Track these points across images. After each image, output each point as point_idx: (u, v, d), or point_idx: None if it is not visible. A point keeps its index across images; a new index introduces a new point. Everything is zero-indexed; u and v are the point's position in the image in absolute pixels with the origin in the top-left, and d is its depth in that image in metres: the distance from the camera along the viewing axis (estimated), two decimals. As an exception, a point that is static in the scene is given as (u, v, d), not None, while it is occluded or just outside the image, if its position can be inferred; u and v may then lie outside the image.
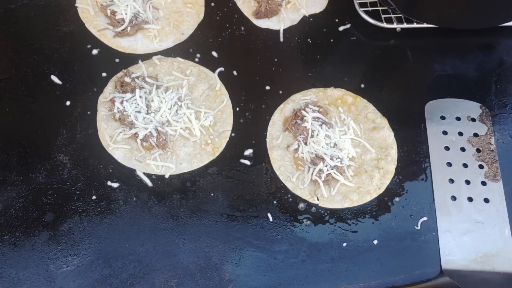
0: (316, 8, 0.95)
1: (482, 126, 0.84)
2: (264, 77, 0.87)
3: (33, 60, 0.83)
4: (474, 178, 0.79)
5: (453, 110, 0.85)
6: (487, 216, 0.76)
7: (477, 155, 0.81)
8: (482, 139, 0.82)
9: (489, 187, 0.79)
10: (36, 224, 0.71)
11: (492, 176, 0.79)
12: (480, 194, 0.78)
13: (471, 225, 0.75)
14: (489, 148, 0.82)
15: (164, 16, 0.89)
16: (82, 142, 0.77)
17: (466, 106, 0.86)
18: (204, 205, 0.75)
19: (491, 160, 0.81)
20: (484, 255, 0.73)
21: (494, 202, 0.77)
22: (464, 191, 0.78)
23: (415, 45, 0.94)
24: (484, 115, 0.85)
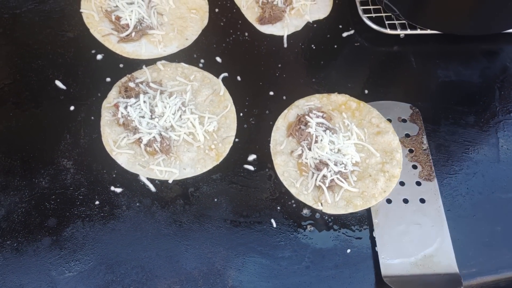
0: (320, 14, 0.96)
1: (413, 126, 0.83)
2: (268, 82, 0.87)
3: (37, 65, 0.84)
4: (408, 179, 0.78)
5: (384, 112, 0.84)
6: (424, 217, 0.75)
7: (410, 156, 0.80)
8: (414, 139, 0.82)
9: (424, 187, 0.78)
10: (38, 229, 0.70)
11: (427, 175, 0.78)
12: (415, 194, 0.77)
13: (409, 227, 0.74)
14: (421, 148, 0.81)
15: (168, 21, 0.90)
16: (85, 147, 0.77)
17: (396, 107, 0.85)
18: (208, 211, 0.74)
19: (424, 160, 0.80)
20: (424, 257, 0.72)
21: (430, 201, 0.76)
22: (400, 193, 0.77)
23: (419, 51, 0.94)
24: (415, 115, 0.84)
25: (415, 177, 0.79)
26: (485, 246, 0.75)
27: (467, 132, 0.86)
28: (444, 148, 0.84)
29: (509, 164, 0.83)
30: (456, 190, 0.80)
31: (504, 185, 0.81)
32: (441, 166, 0.82)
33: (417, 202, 0.76)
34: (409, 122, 0.84)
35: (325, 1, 0.97)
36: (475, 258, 0.74)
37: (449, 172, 0.81)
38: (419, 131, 0.83)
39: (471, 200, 0.79)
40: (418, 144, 0.81)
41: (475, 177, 0.81)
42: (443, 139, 0.84)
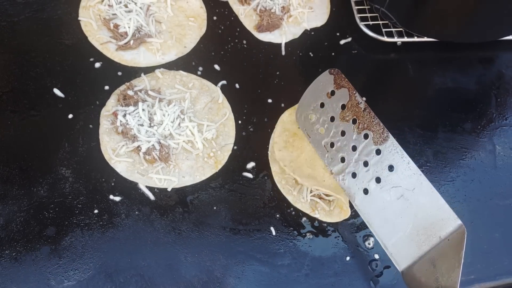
0: (318, 21, 0.96)
1: (343, 92, 0.73)
2: (266, 90, 0.87)
3: (35, 73, 0.83)
4: (368, 154, 0.70)
5: (313, 101, 0.76)
6: (401, 185, 0.67)
7: (356, 127, 0.71)
8: (350, 106, 0.72)
9: (385, 152, 0.68)
10: (37, 238, 0.70)
11: (379, 138, 0.69)
12: (381, 166, 0.69)
13: (396, 206, 0.67)
14: (360, 110, 0.71)
15: (166, 29, 0.90)
16: (84, 155, 0.77)
17: (319, 85, 0.76)
18: (207, 219, 0.74)
19: (369, 122, 0.70)
20: (423, 229, 0.65)
21: (398, 164, 0.67)
22: (369, 176, 0.70)
23: (416, 59, 0.94)
24: (338, 78, 0.74)
25: (371, 146, 0.70)
26: (484, 253, 0.76)
27: (464, 138, 0.86)
28: (441, 154, 0.84)
29: (506, 170, 0.83)
30: (454, 197, 0.80)
31: (502, 192, 0.81)
32: (439, 173, 0.82)
33: (387, 173, 0.68)
34: (337, 90, 0.74)
35: (322, 8, 0.98)
36: (474, 265, 0.75)
37: (447, 179, 0.82)
38: (349, 93, 0.72)
39: (468, 207, 0.79)
40: (356, 108, 0.71)
41: (473, 183, 0.82)
42: (441, 145, 0.85)
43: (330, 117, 0.75)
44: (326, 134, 0.75)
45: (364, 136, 0.71)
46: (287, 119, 0.83)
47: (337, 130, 0.74)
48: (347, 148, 0.73)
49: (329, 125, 0.75)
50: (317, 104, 0.76)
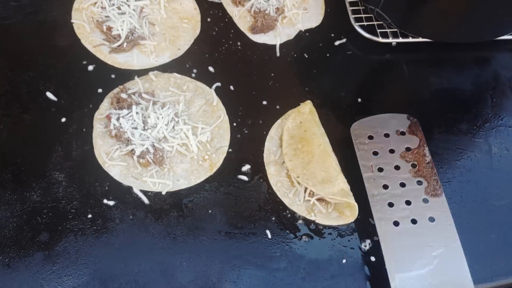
0: (312, 23, 0.96)
1: (413, 139, 0.78)
2: (261, 92, 0.87)
3: (28, 77, 0.83)
4: (414, 197, 0.73)
5: (380, 126, 0.80)
6: (435, 237, 0.70)
7: (414, 171, 0.75)
8: (416, 152, 0.76)
9: (432, 204, 0.73)
10: (30, 244, 0.69)
11: (433, 191, 0.73)
12: (423, 213, 0.72)
13: (420, 250, 0.69)
14: (424, 161, 0.76)
15: (160, 31, 0.89)
16: (77, 159, 0.76)
17: (393, 119, 0.81)
18: (202, 223, 0.74)
19: (429, 174, 0.75)
20: (440, 283, 0.67)
21: (440, 219, 0.71)
22: (406, 213, 0.72)
23: (411, 59, 0.94)
24: (414, 126, 0.79)
25: (421, 193, 0.73)
26: (480, 254, 0.75)
27: (460, 139, 0.86)
28: (437, 156, 0.84)
29: (502, 171, 0.83)
30: (450, 198, 0.79)
31: (498, 192, 0.81)
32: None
33: (426, 221, 0.71)
34: (408, 134, 0.79)
35: (317, 9, 0.97)
36: (470, 267, 0.74)
37: (443, 180, 0.81)
38: (420, 143, 0.78)
39: (465, 208, 0.79)
40: (421, 157, 0.76)
41: (469, 184, 0.81)
42: (436, 146, 0.85)
43: (390, 148, 0.78)
44: (379, 158, 0.77)
45: (418, 182, 0.74)
46: (292, 126, 0.82)
47: (392, 161, 0.76)
48: (395, 180, 0.74)
49: (386, 153, 0.77)
50: (382, 132, 0.79)
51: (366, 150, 0.77)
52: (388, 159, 0.77)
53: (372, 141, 0.78)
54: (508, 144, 0.86)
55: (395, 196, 0.73)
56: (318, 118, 0.83)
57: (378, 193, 0.74)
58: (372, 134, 0.79)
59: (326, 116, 0.85)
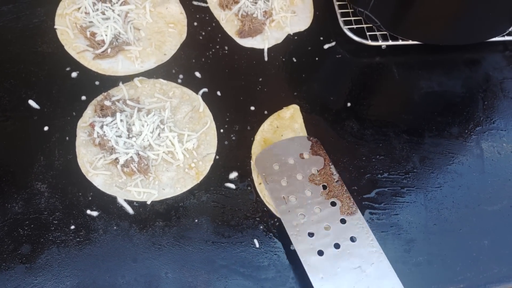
0: (301, 26, 0.94)
1: (318, 159, 0.76)
2: (249, 97, 0.85)
3: (9, 84, 0.81)
4: (332, 220, 0.71)
5: (283, 153, 0.76)
6: (361, 257, 0.68)
7: (325, 193, 0.73)
8: (323, 173, 0.74)
9: (349, 223, 0.71)
10: (11, 256, 0.67)
11: (347, 209, 0.71)
12: (343, 235, 0.70)
13: (350, 275, 0.67)
14: (333, 180, 0.73)
15: (145, 36, 0.88)
16: (60, 169, 0.75)
17: (294, 143, 0.77)
18: (188, 232, 0.72)
19: (340, 193, 0.73)
20: None
21: (361, 238, 0.69)
22: (328, 240, 0.69)
23: (401, 62, 0.93)
24: (315, 146, 0.77)
25: (337, 215, 0.71)
26: (473, 261, 0.74)
27: (451, 143, 0.85)
28: (428, 160, 0.82)
29: (494, 175, 0.82)
30: (442, 203, 0.78)
31: (490, 197, 0.80)
32: (425, 179, 0.81)
33: (348, 242, 0.69)
34: (312, 155, 0.76)
35: (305, 12, 0.96)
36: (463, 273, 0.73)
37: (434, 185, 0.80)
38: (325, 162, 0.75)
39: (457, 213, 0.78)
40: (329, 177, 0.74)
41: (460, 189, 0.80)
42: (427, 151, 0.83)
43: (297, 174, 0.74)
44: (289, 187, 0.73)
45: (332, 203, 0.72)
46: (267, 128, 0.81)
47: (303, 188, 0.73)
48: (309, 207, 0.72)
49: (295, 181, 0.74)
50: (286, 158, 0.76)
51: (275, 182, 0.74)
52: (299, 186, 0.73)
53: (279, 170, 0.75)
54: (500, 148, 0.85)
55: (313, 223, 0.70)
56: (300, 124, 0.82)
57: (297, 224, 0.70)
58: (277, 163, 0.75)
59: (315, 121, 0.84)
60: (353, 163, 0.80)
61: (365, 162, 0.81)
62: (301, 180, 0.74)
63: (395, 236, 0.75)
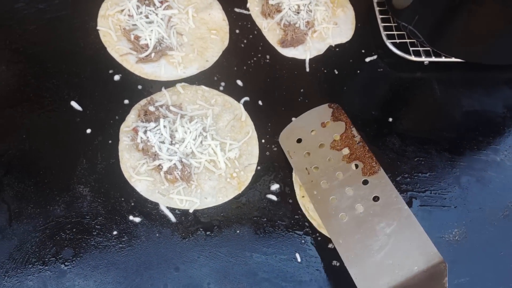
0: (342, 38, 0.94)
1: (340, 124, 0.76)
2: (290, 108, 0.84)
3: (52, 84, 0.80)
4: (354, 183, 0.71)
5: (306, 125, 0.77)
6: (384, 216, 0.67)
7: (347, 157, 0.73)
8: (344, 137, 0.74)
9: (372, 183, 0.70)
10: (53, 260, 0.67)
11: (370, 170, 0.71)
12: (366, 196, 0.69)
13: (374, 235, 0.66)
14: (355, 142, 0.73)
15: (188, 42, 0.87)
16: (103, 172, 0.74)
17: (316, 114, 0.78)
18: (230, 243, 0.71)
19: (362, 154, 0.72)
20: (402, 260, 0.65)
21: (384, 196, 0.69)
22: (350, 203, 0.69)
23: (442, 79, 0.92)
24: (337, 112, 0.77)
25: (359, 176, 0.71)
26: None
27: (493, 163, 0.84)
28: (469, 180, 0.82)
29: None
30: (483, 225, 0.78)
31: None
32: (467, 199, 0.80)
33: (371, 203, 0.68)
34: (333, 122, 0.76)
35: (347, 24, 0.95)
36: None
37: (475, 205, 0.79)
38: (346, 127, 0.75)
39: (498, 235, 0.77)
40: (350, 140, 0.74)
41: (502, 211, 0.79)
42: (469, 170, 0.83)
43: (319, 143, 0.75)
44: (312, 158, 0.74)
45: (354, 166, 0.72)
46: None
47: (325, 156, 0.74)
48: (332, 174, 0.72)
49: (317, 150, 0.75)
50: (309, 130, 0.76)
51: (298, 155, 0.75)
52: (321, 155, 0.74)
53: (301, 144, 0.76)
54: (541, 169, 0.84)
55: (335, 189, 0.71)
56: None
57: (318, 192, 0.71)
58: (300, 137, 0.76)
59: (356, 135, 0.83)
60: (395, 179, 0.80)
61: (407, 179, 0.80)
62: (323, 149, 0.74)
63: (437, 256, 0.74)
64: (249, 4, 0.94)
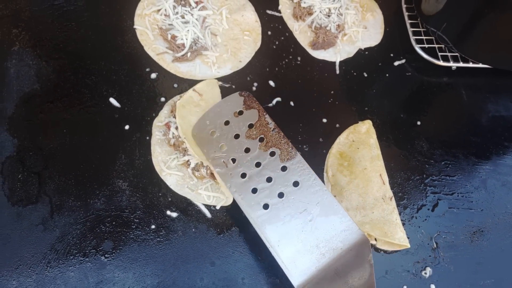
0: (372, 41, 0.95)
1: (253, 112, 0.74)
2: (321, 109, 0.86)
3: (91, 81, 0.82)
4: (273, 171, 0.70)
5: (218, 116, 0.75)
6: (306, 200, 0.67)
7: (263, 145, 0.71)
8: (259, 125, 0.73)
9: (291, 168, 0.70)
10: (94, 252, 0.69)
11: (287, 155, 0.70)
12: (286, 182, 0.69)
13: (297, 220, 0.67)
14: (269, 129, 0.72)
15: (222, 42, 0.89)
16: (141, 168, 0.76)
17: (227, 103, 0.76)
18: (262, 240, 0.73)
19: (278, 140, 0.72)
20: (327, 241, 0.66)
21: (304, 180, 0.69)
22: (271, 191, 0.69)
23: (469, 84, 0.93)
24: (248, 100, 0.75)
25: (278, 163, 0.70)
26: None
27: (519, 169, 0.85)
28: (496, 184, 0.83)
29: (560, 203, 0.82)
30: (509, 229, 0.79)
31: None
32: (493, 203, 0.81)
33: (291, 188, 0.69)
34: (246, 110, 0.75)
35: (376, 28, 0.97)
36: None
37: (501, 210, 0.81)
38: (259, 114, 0.74)
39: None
40: (265, 127, 0.72)
41: (527, 216, 0.81)
42: (496, 175, 0.84)
43: (234, 134, 0.74)
44: (228, 150, 0.73)
45: (271, 153, 0.71)
46: (343, 141, 0.82)
47: (241, 147, 0.72)
48: (250, 164, 0.71)
49: (232, 142, 0.73)
50: (222, 121, 0.75)
51: (214, 149, 0.73)
52: (236, 146, 0.73)
53: (216, 136, 0.74)
54: None
55: (255, 179, 0.70)
56: (375, 140, 0.83)
57: (237, 185, 0.70)
58: (213, 129, 0.75)
59: (385, 137, 0.85)
60: (423, 182, 0.81)
61: (435, 182, 0.82)
62: (238, 139, 0.73)
63: (463, 257, 0.76)
64: (281, 6, 0.96)
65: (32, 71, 0.81)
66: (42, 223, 0.70)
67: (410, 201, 0.80)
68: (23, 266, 0.67)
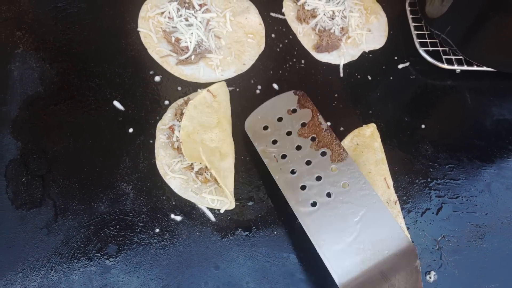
0: (376, 44, 0.95)
1: (306, 112, 0.76)
2: (325, 112, 0.85)
3: (94, 84, 0.82)
4: (322, 170, 0.71)
5: (272, 112, 0.77)
6: (354, 202, 0.69)
7: (315, 144, 0.73)
8: (311, 125, 0.75)
9: (340, 170, 0.71)
10: (98, 256, 0.69)
11: (338, 157, 0.72)
12: (335, 183, 0.70)
13: (344, 221, 0.68)
14: (322, 130, 0.74)
15: (225, 45, 0.89)
16: (145, 171, 0.76)
17: (282, 101, 0.78)
18: (267, 244, 0.73)
19: (329, 141, 0.73)
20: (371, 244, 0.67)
21: (353, 182, 0.70)
22: (319, 190, 0.70)
23: (473, 87, 0.93)
24: (302, 99, 0.78)
25: (328, 164, 0.72)
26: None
27: (523, 173, 0.85)
28: (500, 188, 0.83)
29: None
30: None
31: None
32: (498, 207, 0.81)
33: (340, 189, 0.70)
34: (300, 109, 0.77)
35: (380, 31, 0.97)
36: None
37: (506, 213, 0.81)
38: (312, 114, 0.76)
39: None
40: (317, 127, 0.75)
41: (533, 220, 0.81)
42: (500, 178, 0.84)
43: (287, 131, 0.76)
44: (279, 145, 0.75)
45: (322, 153, 0.73)
46: (348, 145, 0.82)
47: (292, 144, 0.74)
48: (300, 161, 0.73)
49: (284, 138, 0.75)
50: (275, 117, 0.77)
51: (265, 143, 0.75)
52: (288, 143, 0.75)
53: (268, 131, 0.76)
54: None
55: (304, 176, 0.72)
56: (379, 143, 0.83)
57: (287, 180, 0.72)
58: (266, 124, 0.77)
59: (389, 141, 0.84)
60: (428, 185, 0.81)
61: (439, 185, 0.82)
62: (290, 136, 0.75)
63: (468, 261, 0.76)
64: (285, 9, 0.95)
65: (35, 74, 0.81)
66: (46, 226, 0.70)
67: (415, 204, 0.79)
68: (27, 269, 0.67)
